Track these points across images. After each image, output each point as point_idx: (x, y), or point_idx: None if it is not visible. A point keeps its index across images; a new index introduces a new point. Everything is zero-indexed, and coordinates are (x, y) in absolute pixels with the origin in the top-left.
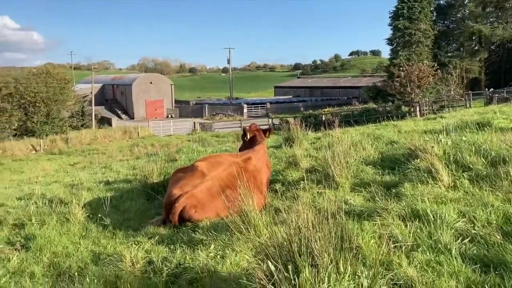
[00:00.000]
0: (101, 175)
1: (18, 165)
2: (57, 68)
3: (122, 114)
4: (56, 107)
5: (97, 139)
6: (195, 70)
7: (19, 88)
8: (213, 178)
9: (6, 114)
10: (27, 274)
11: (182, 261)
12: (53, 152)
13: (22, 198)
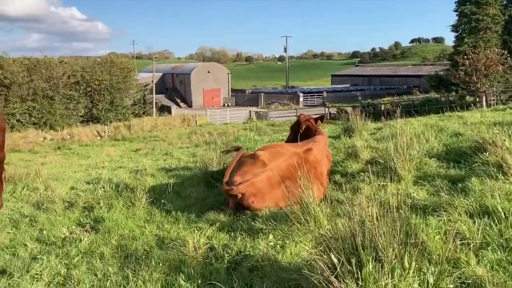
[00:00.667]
0: (163, 161)
1: (84, 150)
2: (120, 58)
3: (181, 103)
4: (119, 95)
5: (158, 127)
6: (251, 59)
7: (85, 76)
8: (274, 168)
9: (73, 102)
10: (97, 254)
11: (243, 249)
12: (116, 138)
13: (91, 182)
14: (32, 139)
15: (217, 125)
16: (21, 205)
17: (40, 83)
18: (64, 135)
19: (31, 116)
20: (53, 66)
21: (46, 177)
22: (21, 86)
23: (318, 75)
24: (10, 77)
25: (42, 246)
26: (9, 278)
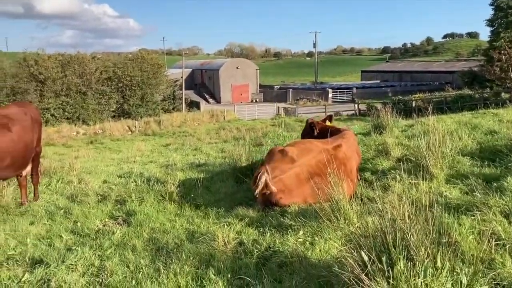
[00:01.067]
0: (192, 156)
1: (116, 145)
2: (150, 54)
3: (210, 98)
4: (150, 91)
5: (187, 122)
6: (280, 55)
7: (117, 72)
8: (302, 164)
9: (105, 97)
10: (129, 247)
11: (272, 245)
12: (147, 133)
13: (122, 176)
14: (66, 134)
15: (245, 121)
16: (56, 197)
17: (74, 79)
18: (96, 129)
19: (65, 111)
20: (86, 62)
21: (79, 170)
22: (55, 81)
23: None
24: (45, 73)
25: (77, 238)
26: (46, 267)
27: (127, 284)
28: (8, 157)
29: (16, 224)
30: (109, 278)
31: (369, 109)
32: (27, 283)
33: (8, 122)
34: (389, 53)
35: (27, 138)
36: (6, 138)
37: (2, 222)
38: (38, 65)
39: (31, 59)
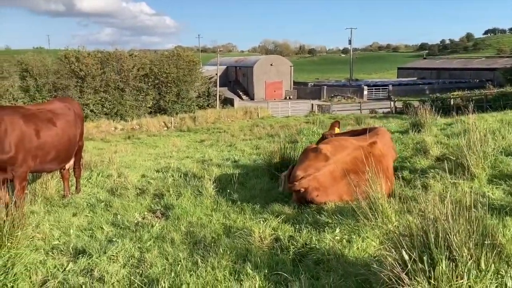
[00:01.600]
0: (227, 153)
1: (152, 140)
2: (186, 51)
3: (243, 95)
4: (185, 88)
5: (221, 119)
6: (314, 51)
7: (153, 69)
8: (337, 161)
9: (142, 93)
10: (168, 240)
11: (308, 242)
12: (182, 129)
13: (160, 171)
14: (104, 129)
15: (278, 118)
16: (97, 190)
17: (112, 75)
18: (133, 125)
19: (103, 107)
20: (123, 59)
21: (118, 164)
22: (94, 78)
23: (383, 68)
24: (85, 70)
25: (117, 230)
26: (89, 258)
27: (167, 276)
28: (53, 151)
29: (59, 215)
30: (149, 269)
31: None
32: (71, 272)
33: (53, 117)
34: (427, 50)
35: (71, 132)
36: (51, 132)
37: (46, 213)
38: (79, 62)
39: (72, 56)
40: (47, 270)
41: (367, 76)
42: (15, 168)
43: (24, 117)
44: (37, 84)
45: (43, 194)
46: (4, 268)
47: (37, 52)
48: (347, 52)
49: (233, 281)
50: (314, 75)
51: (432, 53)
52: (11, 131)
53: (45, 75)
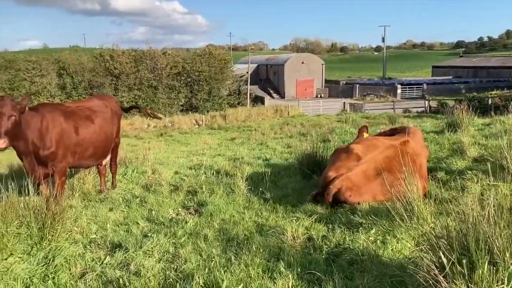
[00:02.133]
0: (258, 151)
1: (184, 138)
2: (218, 49)
3: (274, 93)
4: (216, 86)
5: (251, 117)
6: (346, 49)
7: (186, 67)
8: (369, 161)
9: (175, 91)
10: (201, 236)
11: (342, 242)
12: (213, 127)
13: (193, 168)
14: (138, 126)
15: (309, 117)
16: (132, 186)
17: (146, 74)
18: (166, 122)
19: (137, 104)
20: (157, 58)
21: (152, 161)
22: (128, 76)
23: (417, 66)
24: (120, 68)
25: (152, 225)
26: (125, 252)
27: (201, 272)
28: (91, 147)
29: (96, 210)
30: (183, 265)
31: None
32: (109, 266)
33: (91, 114)
34: (463, 48)
35: (108, 129)
36: (90, 129)
37: (84, 208)
38: (113, 60)
39: (107, 55)
40: (86, 263)
41: (401, 74)
42: (56, 163)
43: (64, 114)
44: (73, 82)
45: (80, 189)
46: (46, 259)
47: (73, 50)
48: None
49: (266, 279)
50: (346, 73)
51: (469, 51)
52: (52, 128)
53: (81, 73)
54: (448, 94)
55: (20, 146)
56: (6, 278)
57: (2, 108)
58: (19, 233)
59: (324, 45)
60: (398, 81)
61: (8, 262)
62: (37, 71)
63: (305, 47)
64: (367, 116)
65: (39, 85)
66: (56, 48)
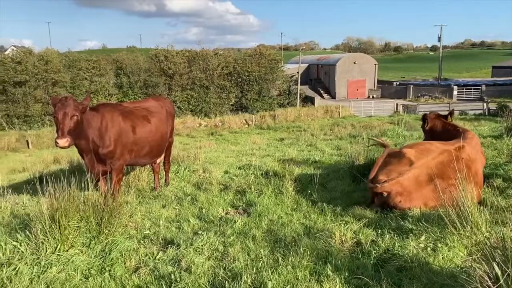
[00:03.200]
0: (307, 152)
1: (233, 137)
2: (268, 49)
3: (324, 94)
4: (266, 86)
5: (301, 117)
6: (400, 49)
7: (236, 68)
8: (421, 166)
9: (225, 91)
10: (250, 236)
11: (391, 247)
12: (262, 127)
13: (242, 168)
14: (190, 125)
15: (360, 118)
16: (183, 184)
17: (198, 74)
18: (216, 122)
19: (189, 104)
20: (209, 58)
21: (203, 160)
22: (182, 76)
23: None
24: (174, 68)
25: (202, 223)
26: (177, 248)
27: (249, 272)
28: (147, 146)
29: (150, 207)
30: (232, 264)
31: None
32: (161, 261)
33: (147, 115)
34: None
35: (163, 129)
36: (146, 128)
37: (138, 204)
38: (168, 60)
39: (161, 55)
40: (139, 258)
41: (458, 75)
42: (113, 161)
43: (122, 114)
44: (129, 81)
45: (135, 186)
46: (103, 253)
47: (130, 51)
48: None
49: (313, 282)
50: (400, 74)
51: None
52: (111, 127)
53: (137, 73)
54: (509, 96)
55: (82, 144)
56: (68, 268)
57: (66, 109)
58: (79, 226)
59: (377, 45)
60: (454, 82)
61: (69, 253)
62: (96, 71)
63: (358, 46)
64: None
65: (98, 84)
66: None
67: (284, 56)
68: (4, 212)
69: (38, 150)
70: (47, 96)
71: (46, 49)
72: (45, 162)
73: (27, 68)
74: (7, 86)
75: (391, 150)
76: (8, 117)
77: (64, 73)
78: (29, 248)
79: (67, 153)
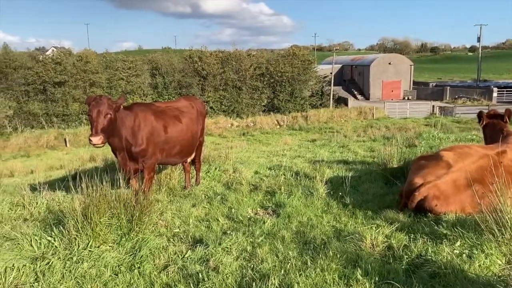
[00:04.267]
0: (339, 154)
1: (265, 138)
2: (301, 50)
3: (358, 95)
4: (299, 87)
5: (333, 118)
6: (437, 50)
7: (269, 68)
8: (460, 170)
9: (258, 92)
10: (278, 237)
11: (423, 253)
12: (294, 128)
13: (272, 168)
14: (222, 125)
15: (395, 119)
16: (214, 183)
17: (231, 75)
18: (248, 122)
19: (222, 104)
20: (242, 59)
21: (234, 160)
22: (215, 76)
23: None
24: (207, 69)
25: (231, 223)
26: (205, 247)
27: (277, 273)
28: (178, 145)
29: (180, 205)
30: (260, 265)
31: None
32: (189, 260)
33: (179, 114)
34: None
35: (193, 129)
36: (178, 128)
37: (169, 202)
38: (202, 61)
39: (195, 56)
40: (169, 256)
41: (498, 76)
42: (145, 159)
43: (155, 113)
44: (164, 82)
45: (167, 185)
46: (133, 250)
47: (165, 52)
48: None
49: (342, 285)
50: (436, 75)
51: None
52: (143, 126)
53: (172, 74)
54: None
55: (115, 142)
56: (98, 264)
57: (100, 107)
58: (110, 223)
59: (413, 45)
60: (494, 84)
61: (100, 249)
62: (132, 71)
63: (393, 47)
64: (458, 120)
65: (134, 84)
66: (149, 49)
67: (317, 57)
68: (40, 207)
69: (75, 148)
70: (85, 96)
71: (84, 50)
72: (81, 160)
73: (66, 69)
74: (47, 86)
75: (427, 153)
76: (48, 116)
77: (101, 73)
78: (63, 244)
79: (102, 152)
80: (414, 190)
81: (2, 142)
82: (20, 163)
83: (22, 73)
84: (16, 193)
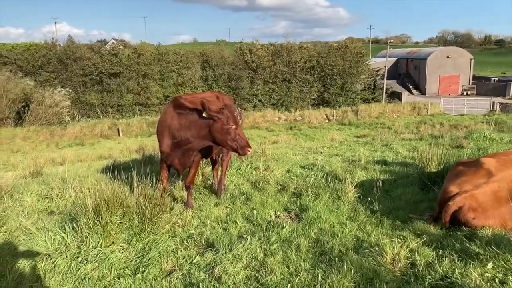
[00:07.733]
0: (380, 153)
1: (312, 132)
2: (355, 43)
3: (413, 89)
4: (350, 80)
5: (385, 113)
6: (502, 42)
7: (320, 61)
8: (503, 179)
9: (308, 85)
10: (294, 245)
11: (450, 274)
12: (343, 123)
13: (305, 167)
14: (269, 118)
15: (451, 116)
16: (242, 181)
17: (281, 67)
18: (296, 116)
19: (271, 97)
20: (293, 51)
21: (269, 156)
22: (265, 69)
23: None
24: (257, 61)
25: (249, 226)
26: (215, 253)
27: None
28: None
29: (203, 204)
30: (267, 276)
31: None
32: (196, 266)
33: None
34: None
35: None
36: None
37: (193, 201)
38: (252, 54)
39: (246, 49)
40: (177, 260)
41: None
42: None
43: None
44: (214, 74)
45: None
46: (142, 251)
47: (218, 44)
48: None
49: None
50: (500, 69)
51: None
52: None
53: (222, 66)
54: None
55: None
56: (102, 266)
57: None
58: (122, 222)
59: (476, 38)
60: None
61: (109, 249)
62: (184, 64)
63: (453, 40)
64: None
65: (185, 77)
66: (204, 42)
67: (373, 50)
68: (68, 200)
69: (127, 138)
70: (138, 88)
71: (141, 42)
72: (129, 150)
73: (121, 60)
74: (103, 77)
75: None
76: (103, 106)
77: (154, 65)
78: (75, 241)
79: (151, 143)
80: (448, 200)
81: (60, 130)
82: (73, 152)
83: (81, 64)
84: (46, 185)
